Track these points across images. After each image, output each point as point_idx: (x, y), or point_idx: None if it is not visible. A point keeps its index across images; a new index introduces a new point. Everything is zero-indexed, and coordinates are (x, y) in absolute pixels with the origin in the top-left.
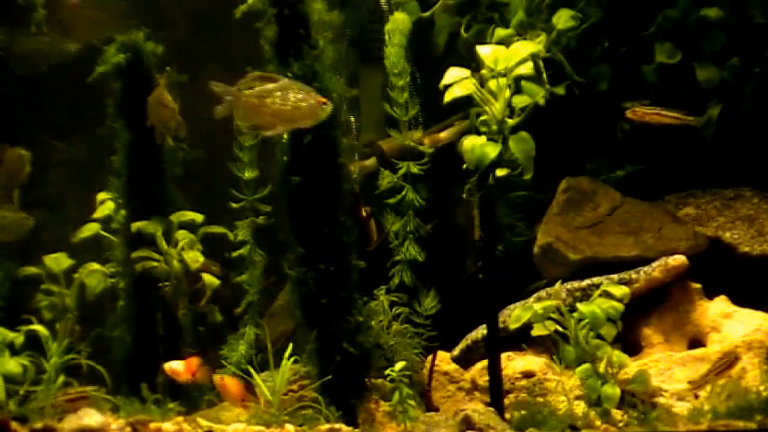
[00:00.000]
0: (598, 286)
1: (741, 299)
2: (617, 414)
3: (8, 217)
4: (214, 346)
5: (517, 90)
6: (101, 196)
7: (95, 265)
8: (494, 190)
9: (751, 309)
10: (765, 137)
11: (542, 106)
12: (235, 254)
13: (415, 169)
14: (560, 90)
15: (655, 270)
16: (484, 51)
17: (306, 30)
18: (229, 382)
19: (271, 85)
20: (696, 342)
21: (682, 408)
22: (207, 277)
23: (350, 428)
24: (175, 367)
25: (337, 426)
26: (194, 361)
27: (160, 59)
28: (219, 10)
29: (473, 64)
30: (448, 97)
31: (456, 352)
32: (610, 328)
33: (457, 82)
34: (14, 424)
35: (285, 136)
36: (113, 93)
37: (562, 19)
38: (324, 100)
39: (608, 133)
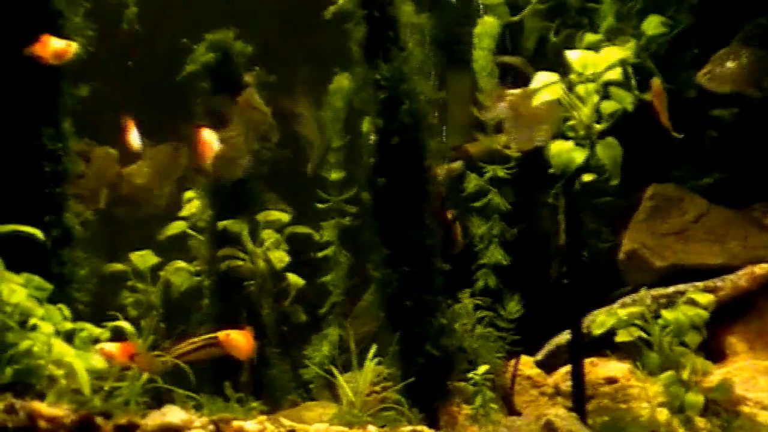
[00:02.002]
0: (683, 293)
1: None
2: (700, 422)
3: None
4: (298, 346)
5: (606, 95)
6: (188, 194)
7: (181, 263)
8: (580, 196)
9: None
10: None
11: (630, 112)
12: (320, 255)
13: (501, 173)
14: (648, 96)
15: (741, 278)
16: (573, 56)
17: (395, 32)
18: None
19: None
20: None
21: (766, 417)
22: (291, 277)
23: (432, 431)
24: (109, 348)
25: (419, 428)
26: (130, 346)
27: (248, 59)
28: (308, 10)
29: (561, 68)
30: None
31: (539, 356)
32: (695, 336)
33: (545, 86)
34: (99, 419)
35: (372, 137)
36: (201, 92)
37: (652, 25)
38: None
39: (695, 140)
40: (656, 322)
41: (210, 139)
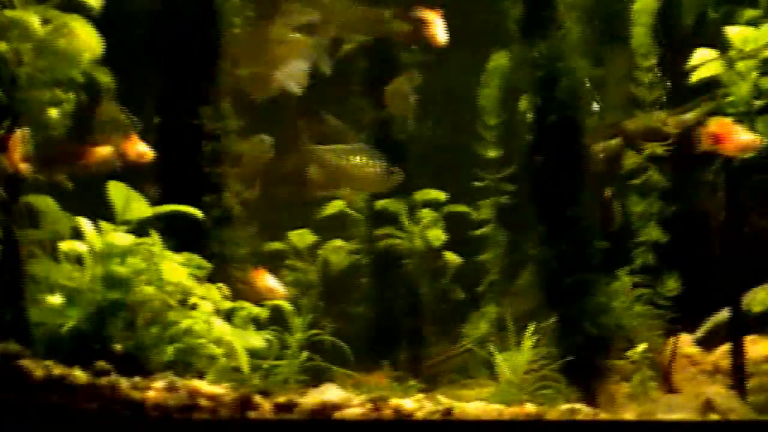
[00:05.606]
0: None
1: None
2: None
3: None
4: (456, 324)
5: (765, 71)
6: None
7: (339, 242)
8: (740, 172)
9: None
10: None
11: None
12: (477, 233)
13: (659, 150)
14: None
15: None
16: (732, 31)
17: (552, 10)
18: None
19: None
20: None
21: None
22: (449, 255)
23: (590, 409)
24: None
25: (577, 407)
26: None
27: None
28: None
29: (721, 45)
30: (694, 77)
31: (698, 334)
32: None
33: (703, 63)
34: (258, 398)
35: (529, 115)
36: (358, 71)
37: None
38: None
39: None
40: None
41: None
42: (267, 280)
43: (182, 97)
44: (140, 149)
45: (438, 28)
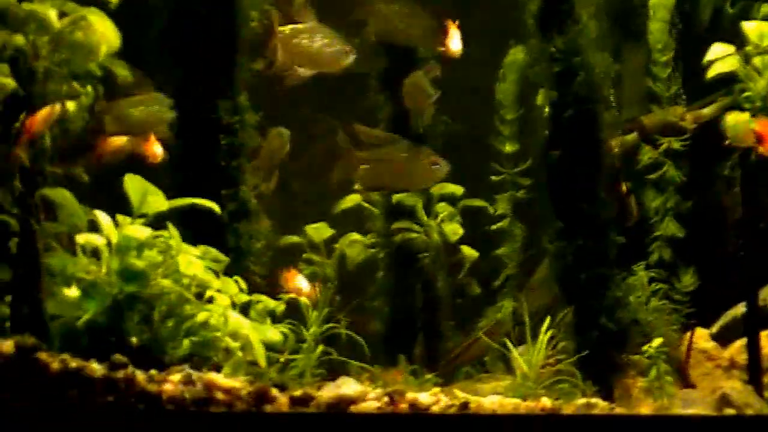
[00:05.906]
0: None
1: None
2: None
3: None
4: (472, 319)
5: None
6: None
7: (356, 236)
8: (757, 168)
9: None
10: None
11: None
12: (494, 227)
13: (676, 145)
14: None
15: None
16: (749, 27)
17: (569, 4)
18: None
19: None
20: None
21: None
22: (466, 250)
23: (606, 403)
24: None
25: (593, 401)
26: None
27: None
28: None
29: (738, 40)
30: (711, 73)
31: (714, 329)
32: None
33: (720, 58)
34: (274, 391)
35: (546, 110)
36: (376, 65)
37: None
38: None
39: None
40: None
41: None
42: (299, 282)
43: (200, 90)
44: (155, 149)
45: (454, 40)
